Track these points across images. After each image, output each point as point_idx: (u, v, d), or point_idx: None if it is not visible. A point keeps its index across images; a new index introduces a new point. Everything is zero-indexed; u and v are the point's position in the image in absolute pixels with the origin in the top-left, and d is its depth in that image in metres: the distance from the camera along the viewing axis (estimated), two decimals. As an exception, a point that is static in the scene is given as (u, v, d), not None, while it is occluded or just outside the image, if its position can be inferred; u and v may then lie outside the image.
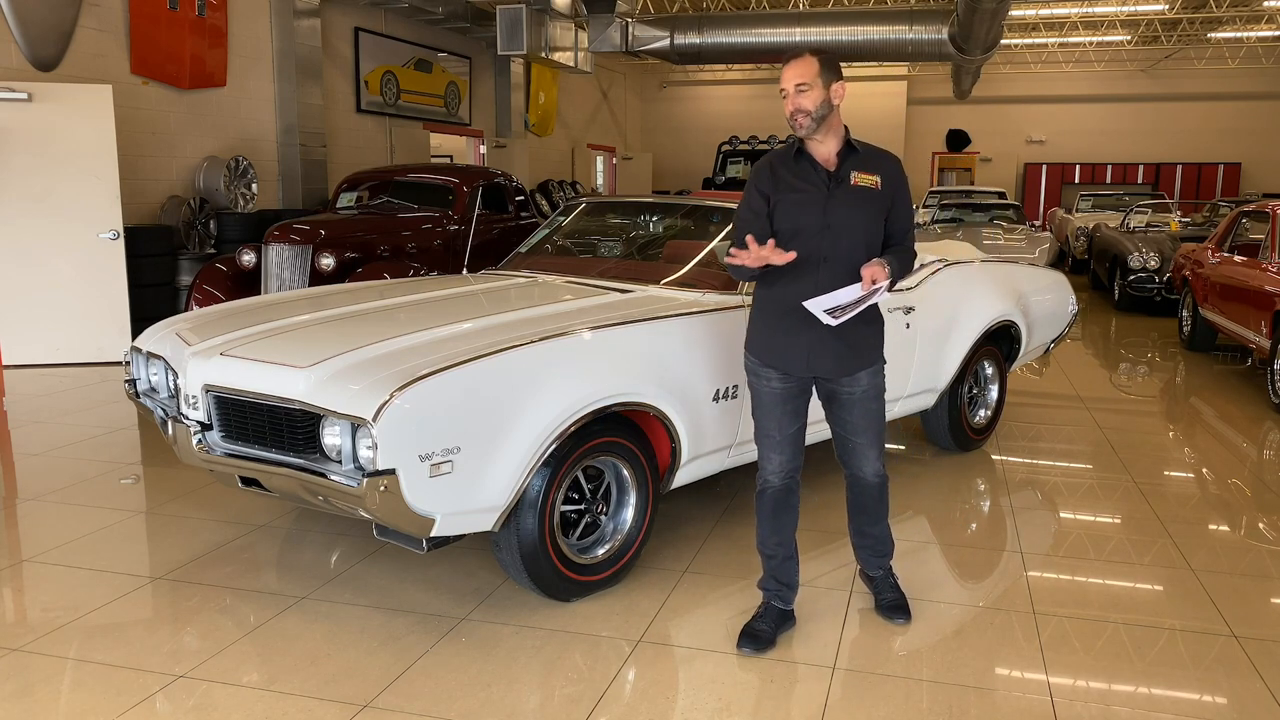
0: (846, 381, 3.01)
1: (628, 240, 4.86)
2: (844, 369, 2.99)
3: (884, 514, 3.23)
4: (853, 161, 2.95)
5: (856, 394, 3.02)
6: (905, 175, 3.04)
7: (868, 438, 3.09)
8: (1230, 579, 3.63)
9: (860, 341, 3.00)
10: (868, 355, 3.02)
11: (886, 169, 2.98)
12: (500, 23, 11.64)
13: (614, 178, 22.27)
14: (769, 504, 3.10)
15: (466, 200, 8.27)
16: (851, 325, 2.94)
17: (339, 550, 3.80)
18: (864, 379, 3.02)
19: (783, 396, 3.02)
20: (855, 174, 2.93)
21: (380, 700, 2.72)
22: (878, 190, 2.94)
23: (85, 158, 7.44)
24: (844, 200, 2.92)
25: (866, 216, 2.94)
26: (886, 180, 2.96)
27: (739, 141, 14.90)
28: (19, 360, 7.37)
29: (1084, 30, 19.03)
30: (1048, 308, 5.58)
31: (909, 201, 3.03)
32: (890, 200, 2.96)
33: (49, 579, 3.52)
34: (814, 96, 2.86)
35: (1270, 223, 7.30)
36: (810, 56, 2.90)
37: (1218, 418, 6.23)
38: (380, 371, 2.90)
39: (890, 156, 3.03)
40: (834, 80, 2.89)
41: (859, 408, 3.04)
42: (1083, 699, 2.78)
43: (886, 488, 3.20)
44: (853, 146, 2.96)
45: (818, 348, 2.96)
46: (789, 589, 3.15)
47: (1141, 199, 15.83)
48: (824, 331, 2.93)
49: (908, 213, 3.01)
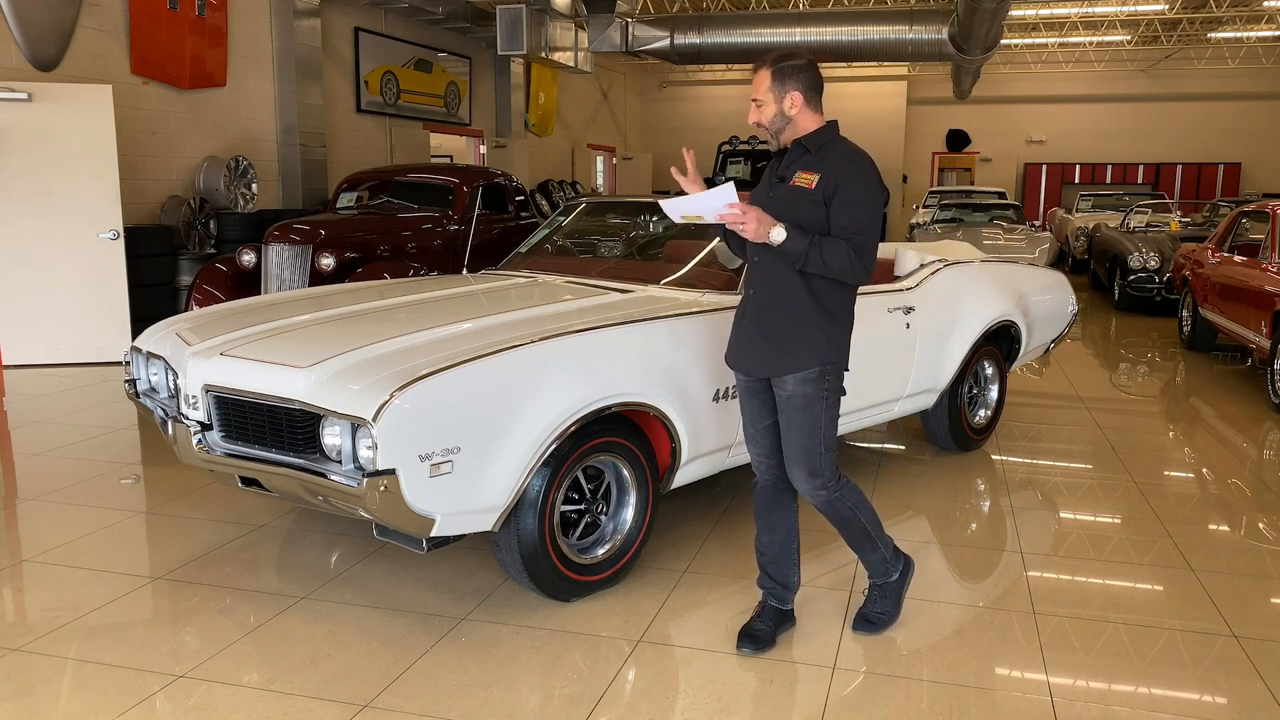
0: (777, 382, 2.93)
1: (627, 240, 4.86)
2: (767, 368, 2.92)
3: (855, 540, 3.08)
4: (803, 161, 2.87)
5: (783, 397, 2.92)
6: (861, 173, 2.82)
7: (790, 451, 2.94)
8: (1230, 579, 3.63)
9: (786, 342, 2.87)
10: (795, 359, 2.87)
11: (830, 167, 2.82)
12: (500, 23, 11.64)
13: (614, 178, 22.27)
14: (759, 500, 3.13)
15: (466, 200, 8.27)
16: (775, 324, 2.88)
17: (339, 550, 3.80)
18: (789, 383, 2.88)
19: (747, 391, 3.04)
20: (799, 174, 2.86)
21: (380, 700, 2.72)
22: (810, 190, 2.82)
23: (85, 158, 7.44)
24: (777, 200, 2.87)
25: (796, 217, 2.80)
26: (825, 179, 2.81)
27: (739, 141, 14.90)
28: (19, 360, 7.37)
29: (1084, 30, 19.03)
30: (1048, 308, 5.58)
31: (855, 202, 2.79)
32: (824, 200, 2.81)
33: (49, 579, 3.52)
34: (767, 111, 2.86)
35: (1270, 223, 7.30)
36: (765, 70, 2.85)
37: (1218, 418, 6.24)
38: (380, 371, 2.90)
39: (845, 155, 2.85)
40: (788, 91, 2.83)
41: (784, 414, 2.93)
42: (1083, 699, 2.78)
43: (842, 512, 3.01)
44: (805, 147, 2.87)
45: (745, 345, 2.97)
46: (785, 589, 3.14)
47: (1141, 199, 15.83)
48: (752, 330, 2.94)
49: (847, 211, 2.78)
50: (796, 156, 2.89)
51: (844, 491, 3.00)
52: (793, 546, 3.14)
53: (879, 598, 3.19)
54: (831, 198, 2.80)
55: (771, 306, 2.90)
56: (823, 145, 2.87)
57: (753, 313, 2.95)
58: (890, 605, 3.19)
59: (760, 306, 2.93)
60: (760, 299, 2.93)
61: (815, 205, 2.81)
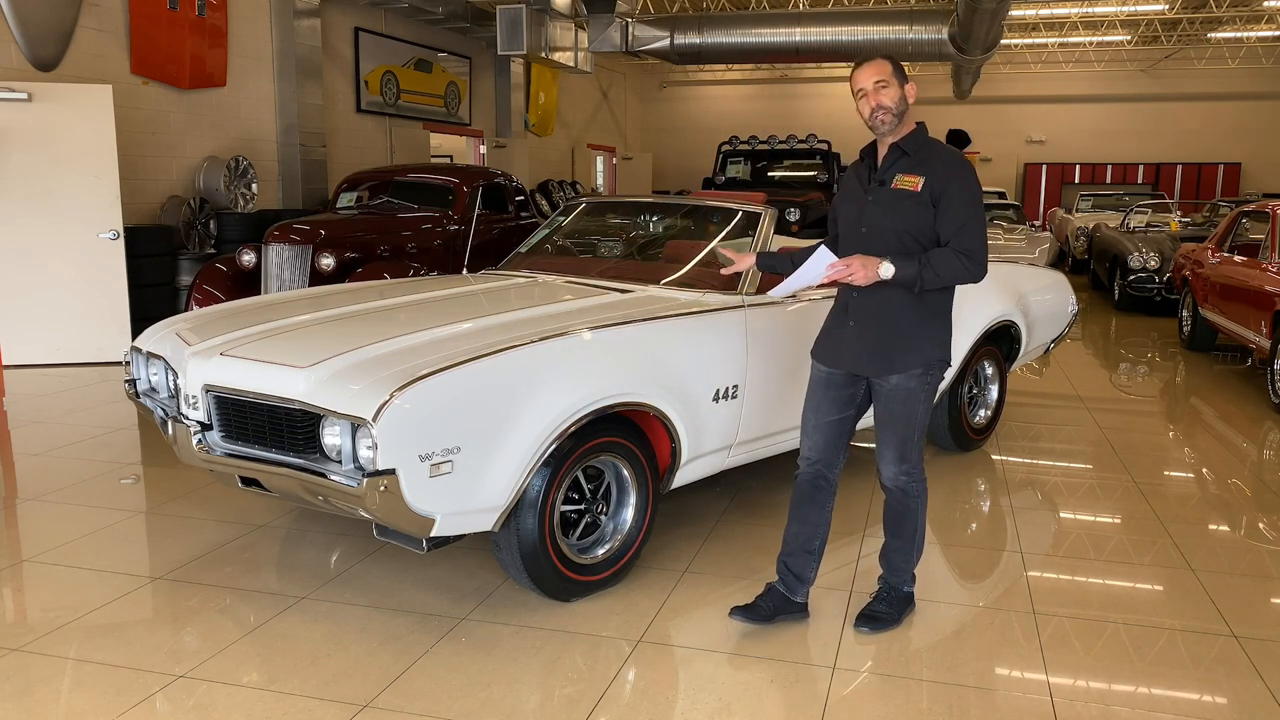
0: (879, 379, 3.02)
1: (628, 240, 4.86)
2: (873, 369, 3.01)
3: (905, 533, 3.16)
4: (900, 164, 2.95)
5: (883, 390, 3.02)
6: (965, 174, 2.90)
7: (884, 436, 3.07)
8: (1230, 579, 3.63)
9: (894, 343, 2.96)
10: (903, 360, 2.96)
11: (933, 170, 2.90)
12: (500, 23, 11.64)
13: (614, 178, 22.27)
14: (797, 492, 3.19)
15: (466, 200, 8.27)
16: (882, 326, 2.96)
17: (339, 550, 3.80)
18: (894, 379, 2.98)
19: (824, 383, 3.10)
20: (899, 176, 2.93)
21: (380, 700, 2.72)
22: (916, 193, 2.89)
23: (85, 158, 7.44)
24: (878, 203, 2.96)
25: (901, 220, 2.91)
26: (931, 181, 2.88)
27: (739, 141, 14.86)
28: (19, 360, 7.37)
29: (1084, 30, 19.03)
30: (1048, 308, 5.58)
31: (963, 202, 2.87)
32: (933, 201, 2.88)
33: (49, 579, 3.52)
34: (892, 93, 2.91)
35: (1270, 223, 7.30)
36: (882, 61, 2.95)
37: (1218, 418, 6.23)
38: (380, 371, 2.90)
39: (947, 158, 2.93)
40: (905, 82, 2.94)
41: (881, 403, 3.04)
42: (1083, 699, 2.78)
43: (909, 505, 3.12)
44: (903, 150, 2.95)
45: (849, 344, 3.03)
46: (799, 582, 3.19)
47: (1141, 199, 15.83)
48: (851, 331, 3.01)
49: (956, 215, 2.87)
50: (894, 159, 2.96)
51: (920, 486, 3.12)
52: (816, 544, 3.19)
53: (887, 599, 3.23)
54: (939, 199, 2.88)
55: (878, 310, 2.97)
56: (919, 148, 2.95)
57: (858, 314, 3.00)
58: (894, 611, 3.21)
59: (866, 309, 2.99)
60: (865, 302, 2.98)
61: (922, 207, 2.89)
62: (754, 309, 3.83)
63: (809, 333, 4.05)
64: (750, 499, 4.43)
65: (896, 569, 3.22)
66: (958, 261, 2.86)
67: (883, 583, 3.27)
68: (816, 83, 23.15)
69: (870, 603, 3.24)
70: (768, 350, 3.82)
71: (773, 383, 3.86)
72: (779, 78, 23.41)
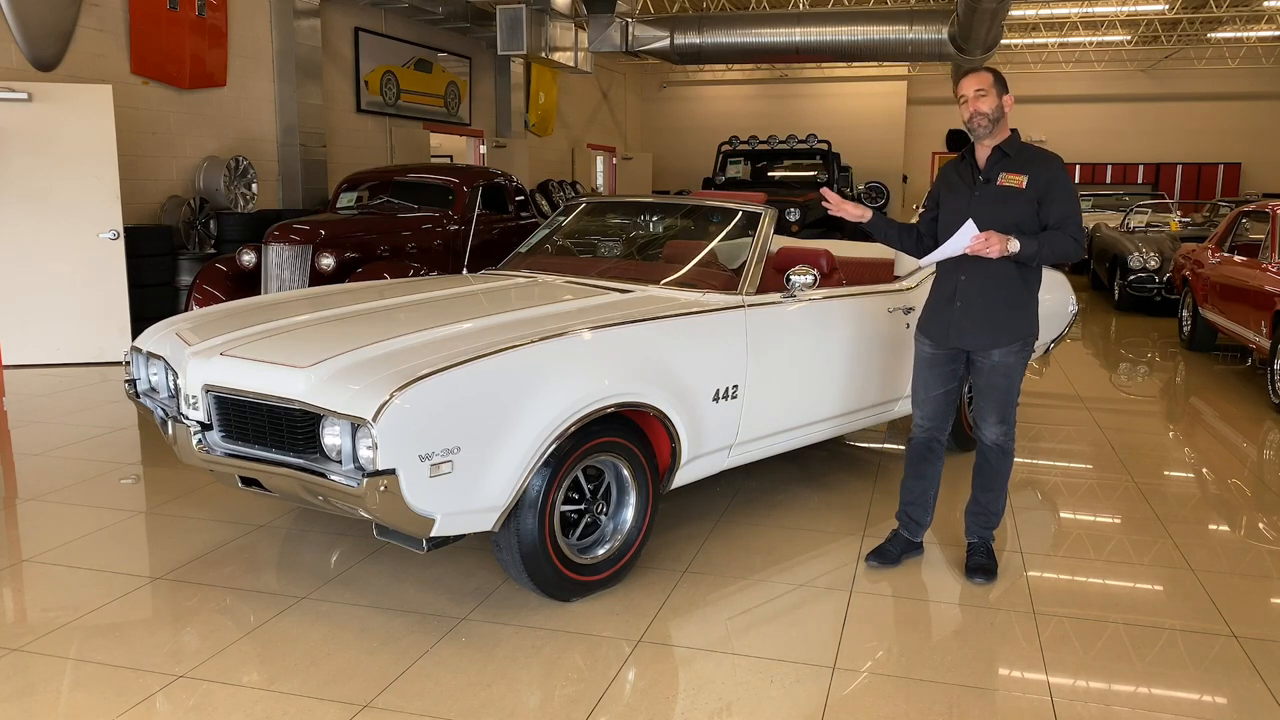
0: (982, 353, 3.45)
1: (628, 240, 4.86)
2: (978, 343, 3.43)
3: (997, 485, 3.59)
4: (1003, 165, 3.35)
5: (985, 366, 3.46)
6: (1063, 171, 3.34)
7: (987, 404, 3.51)
8: (1230, 579, 3.63)
9: (999, 321, 3.39)
10: (1006, 335, 3.40)
11: (1036, 169, 3.32)
12: (500, 23, 11.63)
13: (614, 178, 22.27)
14: (912, 454, 3.70)
15: (466, 200, 8.27)
16: (989, 305, 3.38)
17: (339, 550, 3.80)
18: (996, 354, 3.42)
19: (930, 361, 3.57)
20: (1003, 175, 3.34)
21: (380, 700, 2.72)
22: (1022, 190, 3.31)
23: (85, 158, 7.44)
24: (987, 199, 3.36)
25: (1009, 214, 3.30)
26: (1035, 180, 3.30)
27: (739, 141, 14.85)
28: (19, 360, 7.37)
29: (1084, 30, 19.03)
30: (1048, 308, 5.55)
31: (1067, 197, 3.30)
32: (1038, 198, 3.30)
33: (49, 579, 3.52)
34: (990, 101, 3.31)
35: (1270, 223, 7.30)
36: (984, 72, 3.36)
37: (1218, 418, 6.23)
38: (380, 371, 2.90)
39: (1046, 158, 3.35)
40: (1005, 93, 3.34)
41: (984, 377, 3.48)
42: (1083, 699, 2.78)
43: (1005, 461, 3.56)
44: (1004, 152, 3.35)
45: (957, 322, 3.45)
46: (919, 526, 3.72)
47: (1141, 199, 15.82)
48: (961, 311, 3.43)
49: (1063, 205, 3.30)
50: (996, 160, 3.37)
51: (1013, 444, 3.60)
52: (932, 494, 3.70)
53: (985, 551, 3.63)
54: (1044, 194, 3.30)
55: (986, 289, 3.39)
56: (1019, 151, 3.38)
57: (965, 294, 3.43)
58: (993, 561, 3.62)
59: (974, 290, 3.41)
60: (974, 283, 3.41)
61: (1028, 203, 3.31)
62: (754, 309, 3.83)
63: (809, 333, 4.07)
64: (750, 499, 4.43)
65: (988, 520, 3.64)
66: (1068, 241, 3.30)
67: (976, 538, 3.66)
68: (816, 83, 23.15)
69: (972, 558, 3.62)
70: (768, 350, 3.82)
71: (773, 383, 3.86)
72: (779, 78, 23.41)
